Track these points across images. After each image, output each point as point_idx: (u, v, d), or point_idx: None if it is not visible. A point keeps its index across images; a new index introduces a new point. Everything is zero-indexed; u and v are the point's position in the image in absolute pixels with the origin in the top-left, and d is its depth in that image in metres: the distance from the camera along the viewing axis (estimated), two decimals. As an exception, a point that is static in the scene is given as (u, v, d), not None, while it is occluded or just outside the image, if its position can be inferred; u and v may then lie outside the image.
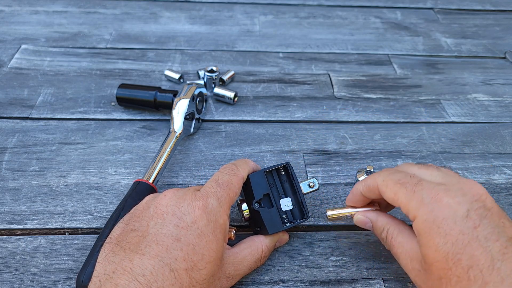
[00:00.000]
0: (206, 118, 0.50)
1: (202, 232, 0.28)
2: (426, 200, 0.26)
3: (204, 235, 0.28)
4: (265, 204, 0.34)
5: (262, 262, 0.34)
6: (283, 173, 0.35)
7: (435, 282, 0.25)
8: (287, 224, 0.34)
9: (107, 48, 0.60)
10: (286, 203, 0.34)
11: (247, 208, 0.34)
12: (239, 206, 0.35)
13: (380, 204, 0.34)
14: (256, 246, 0.33)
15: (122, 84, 0.49)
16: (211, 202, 0.29)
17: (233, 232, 0.33)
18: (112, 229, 0.31)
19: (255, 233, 0.35)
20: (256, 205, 0.33)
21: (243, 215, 0.34)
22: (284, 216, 0.34)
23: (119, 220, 0.32)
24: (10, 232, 0.36)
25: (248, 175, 0.34)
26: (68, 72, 0.55)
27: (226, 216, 0.30)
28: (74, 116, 0.48)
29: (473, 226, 0.25)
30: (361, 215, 0.33)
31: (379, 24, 0.70)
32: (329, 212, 0.36)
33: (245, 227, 0.38)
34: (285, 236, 0.36)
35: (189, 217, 0.28)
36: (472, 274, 0.24)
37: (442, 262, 0.25)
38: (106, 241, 0.30)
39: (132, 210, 0.32)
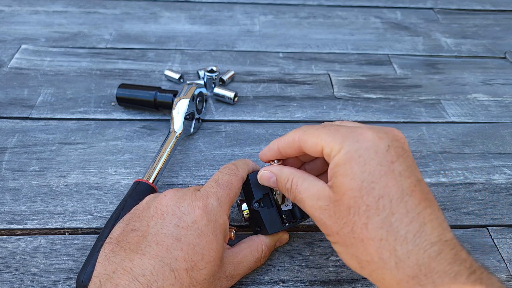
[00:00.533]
0: (206, 118, 0.50)
1: (202, 232, 0.28)
2: (350, 135, 0.27)
3: (204, 235, 0.28)
4: (265, 204, 0.34)
5: (262, 262, 0.34)
6: None
7: (342, 213, 0.25)
8: (287, 224, 0.34)
9: (107, 48, 0.60)
10: (286, 203, 0.34)
11: (247, 208, 0.34)
12: (239, 206, 0.35)
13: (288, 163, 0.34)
14: (256, 245, 0.33)
15: (122, 84, 0.49)
16: (211, 202, 0.29)
17: (233, 232, 0.33)
18: (112, 229, 0.31)
19: (255, 233, 0.35)
20: (256, 205, 0.33)
21: (243, 215, 0.34)
22: (284, 216, 0.34)
23: (119, 220, 0.32)
24: (10, 232, 0.36)
25: (248, 175, 0.34)
26: (68, 72, 0.55)
27: (226, 216, 0.30)
28: (74, 116, 0.48)
29: (391, 161, 0.25)
30: (265, 170, 0.32)
31: (379, 24, 0.70)
32: None
33: (245, 227, 0.38)
34: (285, 236, 0.36)
35: (189, 217, 0.28)
36: (382, 204, 0.24)
37: (355, 190, 0.25)
38: (106, 241, 0.30)
39: (132, 210, 0.32)
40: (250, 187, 0.34)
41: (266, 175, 0.32)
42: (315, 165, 0.35)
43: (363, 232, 0.25)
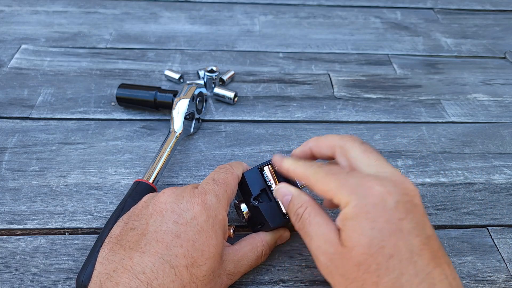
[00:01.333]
0: (206, 118, 0.50)
1: (201, 228, 0.28)
2: (358, 188, 0.26)
3: (203, 231, 0.28)
4: (263, 199, 0.34)
5: (263, 260, 0.34)
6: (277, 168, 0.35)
7: (351, 268, 0.25)
8: (288, 217, 0.33)
9: (107, 48, 0.60)
10: None
11: (246, 208, 0.34)
12: (237, 207, 0.35)
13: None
14: (256, 243, 0.33)
15: (122, 84, 0.49)
16: (209, 198, 0.30)
17: (232, 230, 0.33)
18: (112, 228, 0.31)
19: (256, 231, 0.35)
20: (255, 202, 0.33)
21: (243, 216, 0.34)
22: (285, 211, 0.34)
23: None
24: (10, 232, 0.36)
25: (243, 173, 0.34)
26: (68, 72, 0.55)
27: (225, 212, 0.31)
28: (74, 116, 0.48)
29: (399, 218, 0.25)
30: (284, 186, 0.31)
31: (379, 24, 0.70)
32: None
33: (244, 227, 0.38)
34: (286, 234, 0.36)
35: (188, 214, 0.28)
36: (392, 263, 0.24)
37: (365, 247, 0.25)
38: (106, 240, 0.30)
39: (131, 210, 0.32)
40: (246, 185, 0.34)
41: (283, 191, 0.31)
42: None
43: None
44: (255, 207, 0.33)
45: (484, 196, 0.42)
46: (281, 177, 0.35)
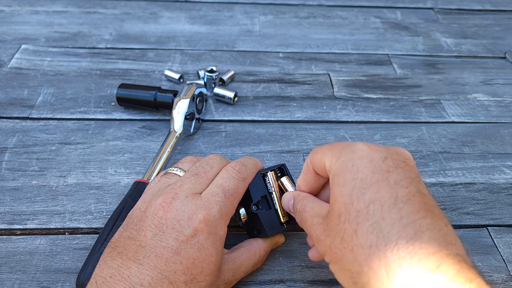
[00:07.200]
0: (206, 118, 0.50)
1: (202, 245, 0.28)
2: (347, 147, 0.26)
3: (204, 249, 0.28)
4: (262, 206, 0.33)
5: (259, 266, 0.34)
6: (279, 174, 0.35)
7: (334, 222, 0.24)
8: (285, 226, 0.33)
9: (107, 48, 0.60)
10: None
11: (244, 212, 0.34)
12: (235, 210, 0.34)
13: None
14: (254, 250, 0.33)
15: (122, 84, 0.49)
16: (213, 214, 0.29)
17: (243, 213, 0.34)
18: (112, 229, 0.31)
19: (252, 236, 0.35)
20: (254, 208, 0.33)
21: (240, 219, 0.34)
22: (283, 220, 0.33)
23: (120, 220, 0.32)
24: (10, 232, 0.36)
25: None
26: (68, 72, 0.55)
27: (226, 225, 0.30)
28: (74, 116, 0.48)
29: (387, 170, 0.24)
30: (286, 194, 0.32)
31: (379, 24, 0.70)
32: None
33: (238, 227, 0.38)
34: (281, 239, 0.36)
35: (189, 230, 0.28)
36: (372, 209, 0.23)
37: (345, 197, 0.24)
38: (107, 243, 0.30)
39: (130, 213, 0.31)
40: (247, 190, 0.33)
41: (287, 197, 0.32)
42: None
43: (353, 240, 0.23)
44: (254, 213, 0.33)
45: (484, 196, 0.42)
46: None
